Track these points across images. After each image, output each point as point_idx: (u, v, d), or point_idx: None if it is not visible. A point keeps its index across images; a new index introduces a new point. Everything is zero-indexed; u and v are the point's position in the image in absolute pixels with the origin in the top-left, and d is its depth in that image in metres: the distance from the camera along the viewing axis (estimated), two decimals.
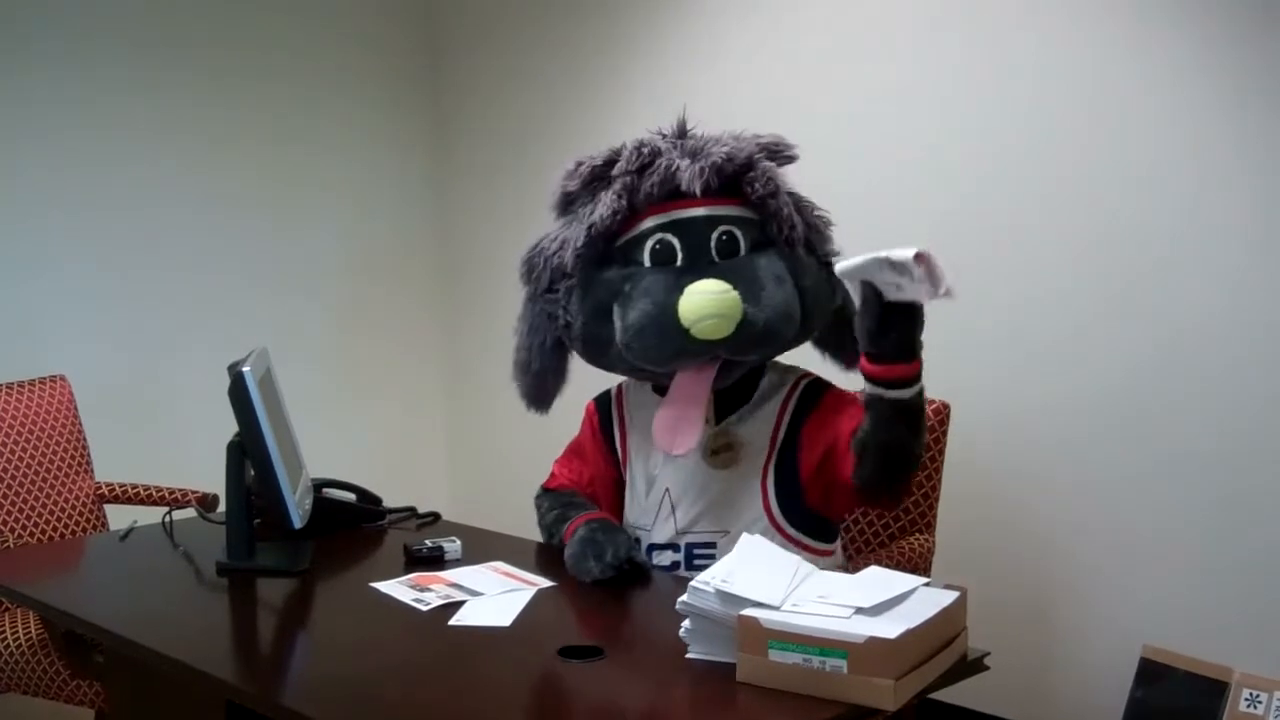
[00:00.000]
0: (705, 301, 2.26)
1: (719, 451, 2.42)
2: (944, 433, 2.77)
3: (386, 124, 4.59)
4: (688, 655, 1.93)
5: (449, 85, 4.64)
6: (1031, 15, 3.13)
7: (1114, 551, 3.09)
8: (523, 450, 4.44)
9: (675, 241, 2.35)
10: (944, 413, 2.77)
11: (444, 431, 4.77)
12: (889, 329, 2.15)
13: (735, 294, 2.27)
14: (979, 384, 3.24)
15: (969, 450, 3.07)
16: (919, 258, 2.01)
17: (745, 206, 2.39)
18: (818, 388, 2.46)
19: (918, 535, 2.73)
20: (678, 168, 2.33)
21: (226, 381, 2.39)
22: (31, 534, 3.26)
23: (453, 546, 2.53)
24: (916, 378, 2.21)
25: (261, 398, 2.39)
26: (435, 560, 2.50)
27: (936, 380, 3.08)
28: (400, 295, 4.66)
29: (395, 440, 4.61)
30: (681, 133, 2.46)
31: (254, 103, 4.26)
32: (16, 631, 2.92)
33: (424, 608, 2.20)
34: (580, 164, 2.43)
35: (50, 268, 3.88)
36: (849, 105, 3.50)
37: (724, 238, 2.35)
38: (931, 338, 3.36)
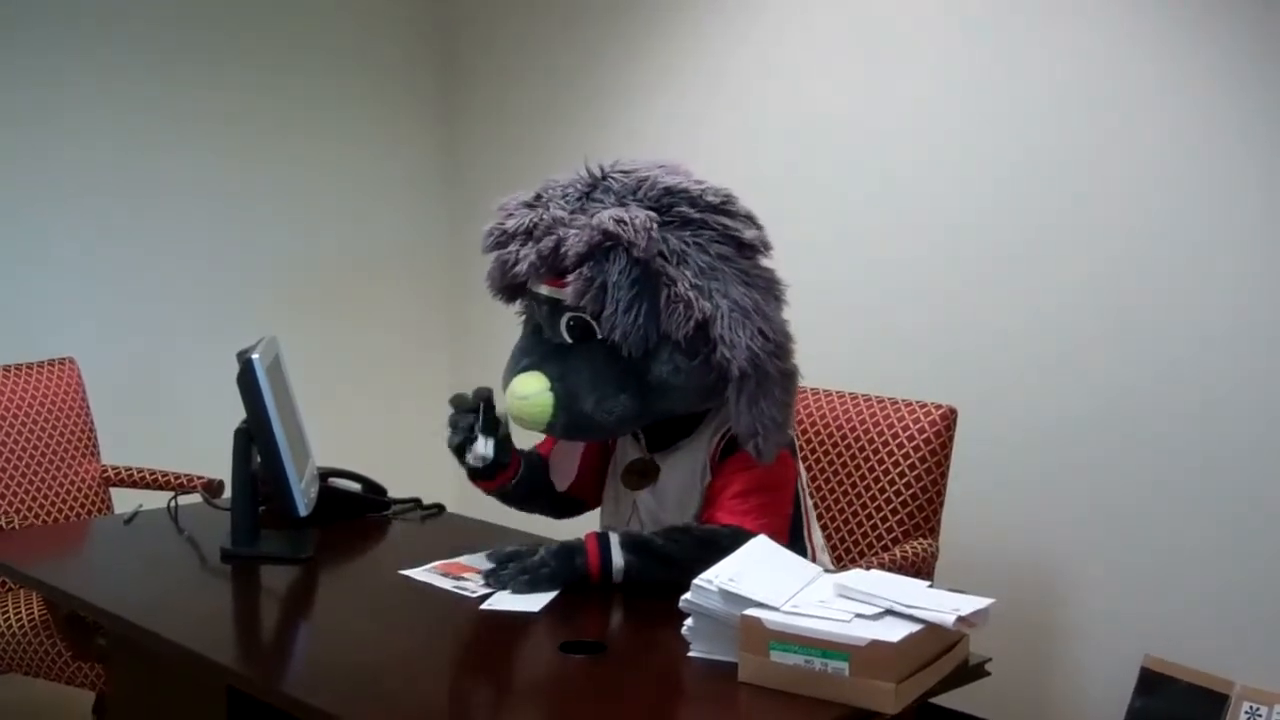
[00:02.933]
0: (514, 405, 2.30)
1: (629, 473, 2.45)
2: (950, 438, 2.76)
3: (397, 116, 4.59)
4: (689, 654, 1.93)
5: (460, 78, 4.64)
6: (1045, 28, 3.12)
7: (1117, 561, 3.09)
8: (528, 443, 4.44)
9: (538, 313, 2.37)
10: (950, 418, 2.76)
11: None
12: None
13: (546, 397, 2.26)
14: (985, 390, 3.24)
15: (974, 455, 3.07)
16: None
17: None
18: (735, 443, 2.38)
19: (920, 539, 2.73)
20: (516, 259, 2.31)
21: (235, 368, 2.39)
22: (37, 515, 3.26)
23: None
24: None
25: (269, 385, 2.39)
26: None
27: (943, 385, 3.09)
28: (409, 286, 4.66)
29: (402, 431, 4.60)
30: (594, 184, 2.35)
31: (266, 92, 4.26)
32: (19, 612, 2.93)
33: (471, 595, 2.23)
34: (494, 219, 2.39)
35: (61, 251, 3.89)
36: (863, 111, 3.49)
37: (572, 323, 2.30)
38: (939, 343, 3.38)
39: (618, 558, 2.24)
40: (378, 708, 1.79)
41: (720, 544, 2.14)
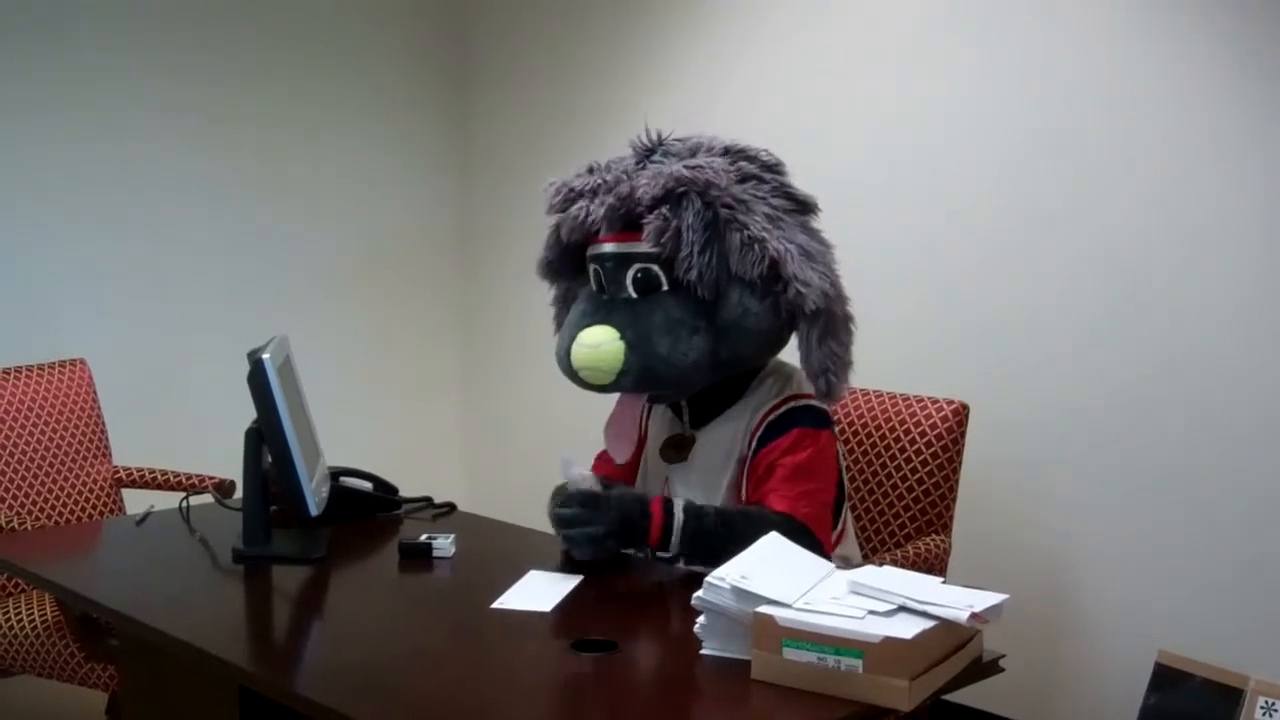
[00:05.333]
0: (583, 354, 2.35)
1: (666, 448, 2.50)
2: (962, 434, 2.76)
3: (409, 113, 4.59)
4: (702, 652, 1.92)
5: (472, 75, 4.64)
6: (1047, 19, 3.11)
7: (1130, 556, 3.08)
8: (539, 441, 4.45)
9: (600, 273, 2.42)
10: (962, 414, 2.76)
11: (461, 422, 4.78)
12: None
13: (618, 345, 2.32)
14: (998, 386, 3.23)
15: (986, 452, 3.06)
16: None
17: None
18: (787, 420, 2.42)
19: (933, 536, 2.72)
20: (587, 213, 2.39)
21: (246, 368, 2.39)
22: (49, 517, 3.27)
23: (443, 543, 2.49)
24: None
25: (280, 385, 2.39)
26: (423, 553, 2.48)
27: (955, 381, 3.08)
28: (420, 285, 4.66)
29: (412, 430, 4.61)
30: (652, 149, 2.47)
31: (278, 90, 4.26)
32: (32, 613, 2.93)
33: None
34: (554, 185, 2.49)
35: (72, 251, 3.89)
36: (869, 101, 3.49)
37: (639, 275, 2.36)
38: (950, 339, 3.37)
39: (679, 519, 2.31)
40: (389, 707, 1.79)
41: (771, 525, 2.23)
